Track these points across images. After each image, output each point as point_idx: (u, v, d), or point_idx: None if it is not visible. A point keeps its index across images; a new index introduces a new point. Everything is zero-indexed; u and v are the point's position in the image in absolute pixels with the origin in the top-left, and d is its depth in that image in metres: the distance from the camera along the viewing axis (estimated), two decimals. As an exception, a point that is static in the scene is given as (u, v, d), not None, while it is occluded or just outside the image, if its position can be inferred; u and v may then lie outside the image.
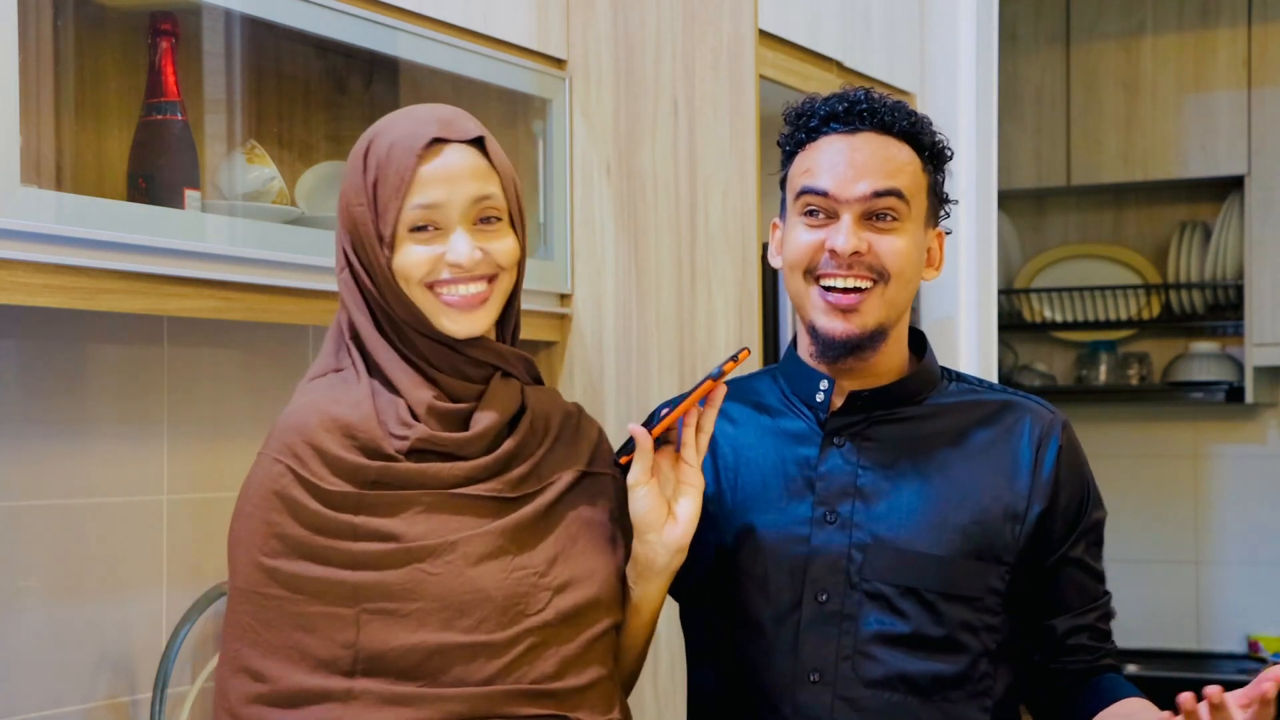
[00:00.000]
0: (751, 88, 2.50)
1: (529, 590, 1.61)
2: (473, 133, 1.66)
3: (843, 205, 1.81)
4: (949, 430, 1.88)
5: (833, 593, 1.82)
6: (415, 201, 1.63)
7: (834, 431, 1.87)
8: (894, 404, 1.88)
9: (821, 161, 1.83)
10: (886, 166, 1.82)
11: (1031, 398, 1.93)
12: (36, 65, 1.87)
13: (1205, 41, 4.54)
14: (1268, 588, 4.65)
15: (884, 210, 1.81)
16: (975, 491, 1.84)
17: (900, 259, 1.81)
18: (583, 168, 2.64)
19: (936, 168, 1.88)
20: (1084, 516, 1.89)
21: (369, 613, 1.57)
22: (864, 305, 1.81)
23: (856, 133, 1.83)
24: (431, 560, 1.59)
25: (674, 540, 1.71)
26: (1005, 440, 1.87)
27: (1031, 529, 1.84)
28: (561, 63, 2.62)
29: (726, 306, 2.50)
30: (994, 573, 1.82)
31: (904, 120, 1.85)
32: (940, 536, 1.82)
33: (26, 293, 1.77)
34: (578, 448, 1.74)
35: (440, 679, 1.57)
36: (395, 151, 1.64)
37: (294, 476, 1.60)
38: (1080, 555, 1.88)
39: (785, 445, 1.89)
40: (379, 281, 1.65)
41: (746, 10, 2.50)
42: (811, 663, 1.81)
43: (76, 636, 2.10)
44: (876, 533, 1.82)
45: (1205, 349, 4.66)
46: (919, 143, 1.85)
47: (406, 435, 1.62)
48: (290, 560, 1.59)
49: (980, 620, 1.82)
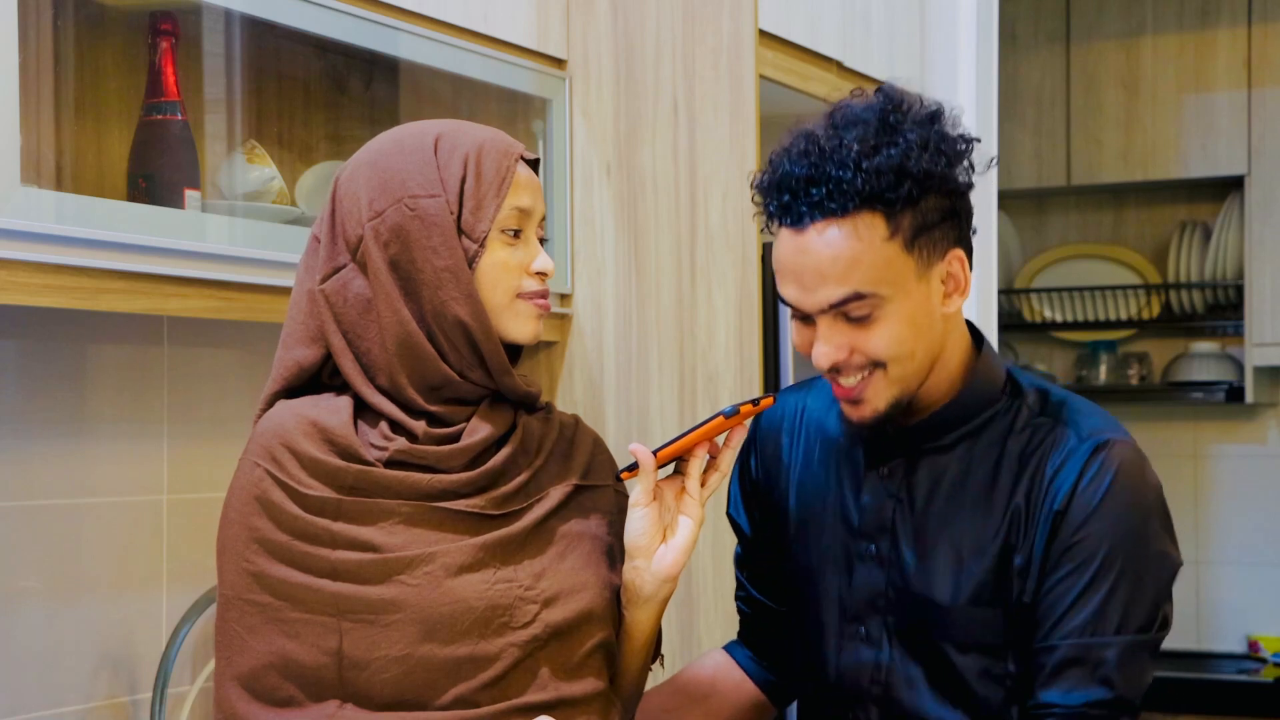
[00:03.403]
0: (751, 88, 2.50)
1: (512, 603, 1.58)
2: (535, 154, 1.71)
3: (810, 313, 1.67)
4: (982, 463, 1.73)
5: (870, 629, 1.76)
6: (514, 203, 1.64)
7: (878, 461, 1.78)
8: (932, 438, 1.75)
9: (782, 264, 1.68)
10: (835, 269, 1.62)
11: (1083, 415, 1.73)
12: (36, 65, 1.87)
13: (1205, 41, 4.54)
14: (1268, 588, 4.66)
15: (852, 312, 1.64)
16: (991, 533, 1.70)
17: (888, 347, 1.65)
18: (583, 168, 2.64)
19: (919, 203, 1.64)
20: (1082, 539, 1.67)
21: (350, 622, 1.56)
22: (868, 393, 1.68)
23: (804, 230, 1.63)
24: (410, 571, 1.56)
25: (662, 570, 1.64)
26: (1030, 473, 1.71)
27: (1037, 567, 1.68)
28: (561, 63, 2.62)
29: (726, 306, 2.50)
30: (1005, 619, 1.69)
31: (854, 183, 1.61)
32: (949, 583, 1.71)
33: (26, 293, 1.77)
34: (572, 462, 1.71)
35: (430, 702, 1.55)
36: (491, 151, 1.64)
37: (273, 480, 1.59)
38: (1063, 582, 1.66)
39: (844, 461, 1.82)
40: (438, 279, 1.60)
41: (746, 10, 2.50)
42: (848, 696, 1.77)
43: (76, 636, 2.10)
44: (904, 574, 1.74)
45: (1205, 349, 4.66)
46: (885, 199, 1.62)
47: (386, 446, 1.60)
48: (274, 564, 1.58)
49: (1003, 669, 1.71)
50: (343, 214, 1.65)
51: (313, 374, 1.67)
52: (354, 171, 1.66)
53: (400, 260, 1.61)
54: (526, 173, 1.67)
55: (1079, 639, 1.66)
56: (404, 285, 1.61)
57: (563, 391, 2.65)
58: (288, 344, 1.68)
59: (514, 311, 1.64)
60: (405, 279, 1.61)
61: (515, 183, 1.64)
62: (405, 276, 1.61)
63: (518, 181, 1.65)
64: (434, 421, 1.63)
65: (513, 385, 1.66)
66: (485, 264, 1.62)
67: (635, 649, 1.72)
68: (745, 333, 2.49)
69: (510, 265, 1.64)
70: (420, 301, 1.61)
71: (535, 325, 1.67)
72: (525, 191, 1.65)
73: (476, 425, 1.63)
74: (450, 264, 1.60)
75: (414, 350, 1.61)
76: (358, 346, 1.63)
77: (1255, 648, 4.60)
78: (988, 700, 1.71)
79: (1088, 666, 1.66)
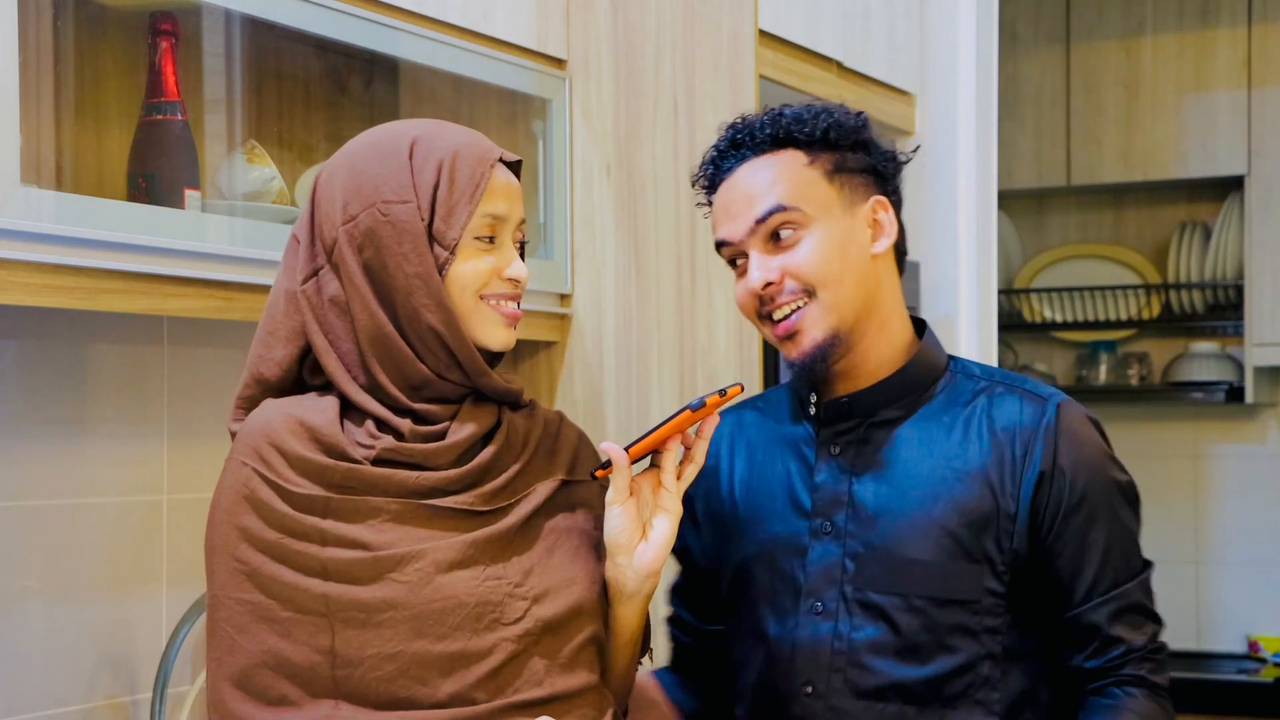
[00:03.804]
0: (751, 88, 2.50)
1: (503, 599, 1.59)
2: (515, 156, 1.69)
3: (743, 245, 1.81)
4: (941, 429, 1.83)
5: (826, 602, 1.81)
6: (487, 210, 1.63)
7: (827, 441, 1.86)
8: (882, 405, 1.85)
9: (715, 212, 1.85)
10: (758, 189, 1.79)
11: (1029, 383, 1.87)
12: (36, 65, 1.87)
13: (1205, 41, 4.55)
14: (1268, 588, 4.66)
15: (777, 229, 1.79)
16: (964, 492, 1.80)
17: (816, 263, 1.78)
18: (583, 168, 2.64)
19: (836, 148, 1.82)
20: (1078, 498, 1.79)
21: (341, 621, 1.56)
22: (803, 323, 1.79)
23: (732, 172, 1.83)
24: (400, 569, 1.57)
25: (644, 565, 1.66)
26: (996, 435, 1.81)
27: (1025, 525, 1.78)
28: (561, 63, 2.62)
29: (727, 306, 2.50)
30: (989, 573, 1.78)
31: (767, 130, 1.82)
32: (929, 541, 1.78)
33: (26, 293, 1.77)
34: (557, 458, 1.72)
35: (424, 699, 1.56)
36: (466, 157, 1.63)
37: (261, 479, 1.60)
38: (1083, 535, 1.79)
39: (791, 454, 1.89)
40: (410, 285, 1.61)
41: (746, 10, 2.50)
42: (805, 675, 1.81)
43: (76, 636, 2.10)
44: (869, 541, 1.80)
45: (1205, 349, 4.67)
46: (798, 140, 1.81)
47: (373, 445, 1.61)
48: (265, 562, 1.58)
49: (979, 623, 1.78)
50: (320, 216, 1.65)
51: (290, 373, 1.67)
52: (331, 173, 1.66)
53: (373, 264, 1.62)
54: (504, 177, 1.66)
55: (1123, 586, 1.81)
56: (378, 289, 1.62)
57: (563, 391, 2.65)
58: (267, 343, 1.68)
59: (481, 316, 1.64)
60: (378, 283, 1.62)
61: (490, 189, 1.64)
62: (378, 280, 1.62)
63: (493, 187, 1.64)
64: (418, 419, 1.63)
65: (491, 385, 1.66)
66: (456, 270, 1.62)
67: (622, 645, 1.73)
68: (745, 333, 2.49)
69: (482, 271, 1.64)
70: (394, 306, 1.62)
71: (504, 333, 1.67)
72: (501, 198, 1.65)
73: (461, 423, 1.64)
74: (421, 270, 1.61)
75: (391, 351, 1.62)
76: (338, 347, 1.64)
77: (1255, 648, 4.60)
78: (958, 652, 1.78)
79: (1135, 604, 1.81)
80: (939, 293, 3.14)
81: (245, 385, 1.68)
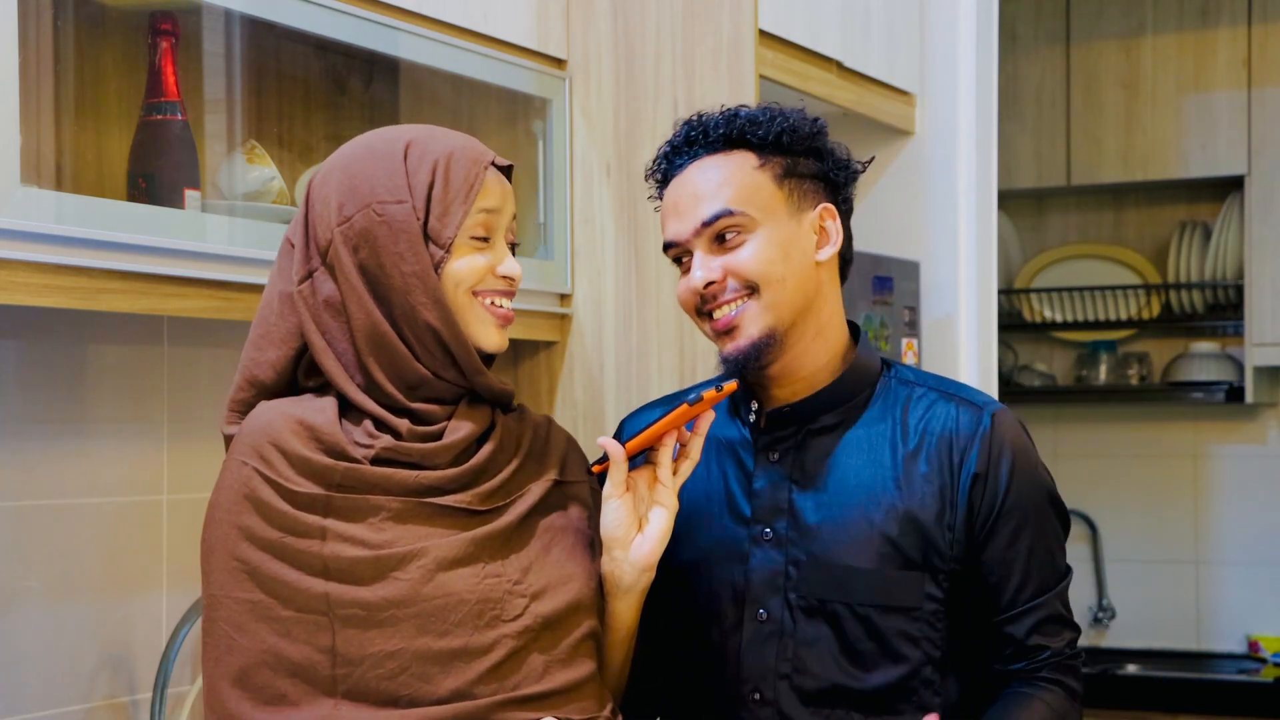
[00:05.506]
0: (751, 88, 2.50)
1: (502, 596, 1.61)
2: (507, 161, 1.73)
3: (688, 244, 1.82)
4: (878, 437, 1.84)
5: (771, 610, 1.82)
6: (482, 207, 1.66)
7: (766, 447, 1.86)
8: (821, 412, 1.85)
9: (664, 209, 1.86)
10: (709, 189, 1.80)
11: (965, 390, 1.89)
12: (36, 65, 1.87)
13: (1205, 41, 4.54)
14: (1268, 588, 4.65)
15: (723, 231, 1.80)
16: (904, 499, 1.80)
17: (759, 265, 1.78)
18: (583, 167, 2.64)
19: (789, 152, 1.83)
20: (1011, 503, 1.81)
21: (342, 620, 1.57)
22: (741, 319, 1.79)
23: (683, 169, 1.84)
24: (403, 567, 1.58)
25: (640, 558, 1.70)
26: (933, 443, 1.83)
27: (963, 532, 1.80)
28: (561, 63, 2.62)
29: (726, 306, 2.50)
30: (929, 581, 1.80)
31: (721, 129, 1.83)
32: (870, 549, 1.79)
33: (26, 293, 1.77)
34: (548, 459, 1.75)
35: (425, 696, 1.56)
36: (460, 159, 1.66)
37: (261, 478, 1.61)
38: (1012, 539, 1.81)
39: (729, 458, 1.89)
40: (407, 284, 1.63)
41: (746, 10, 2.50)
42: (753, 681, 1.81)
43: (76, 636, 2.10)
44: (810, 549, 1.81)
45: (1205, 349, 4.66)
46: (750, 142, 1.82)
47: (371, 444, 1.62)
48: (266, 560, 1.59)
49: (920, 630, 1.80)
50: (314, 218, 1.67)
51: (284, 375, 1.68)
52: (325, 176, 1.68)
53: (369, 264, 1.64)
54: (497, 179, 1.69)
55: (1045, 596, 1.83)
56: (374, 288, 1.64)
57: (563, 391, 2.65)
58: (260, 345, 1.70)
59: (475, 315, 1.66)
60: (374, 282, 1.64)
61: (484, 189, 1.67)
62: (374, 280, 1.64)
63: (486, 188, 1.67)
64: (416, 419, 1.65)
65: (487, 384, 1.68)
66: (451, 268, 1.65)
67: (618, 640, 1.76)
68: (745, 333, 2.49)
69: (478, 268, 1.66)
70: (390, 305, 1.64)
71: (497, 334, 1.69)
72: (494, 198, 1.68)
73: (458, 423, 1.66)
74: (417, 269, 1.63)
75: (388, 351, 1.64)
76: (335, 347, 1.65)
77: (1255, 648, 4.60)
78: (902, 659, 1.79)
79: (1055, 615, 1.84)
80: (939, 293, 3.14)
81: (238, 388, 1.70)
